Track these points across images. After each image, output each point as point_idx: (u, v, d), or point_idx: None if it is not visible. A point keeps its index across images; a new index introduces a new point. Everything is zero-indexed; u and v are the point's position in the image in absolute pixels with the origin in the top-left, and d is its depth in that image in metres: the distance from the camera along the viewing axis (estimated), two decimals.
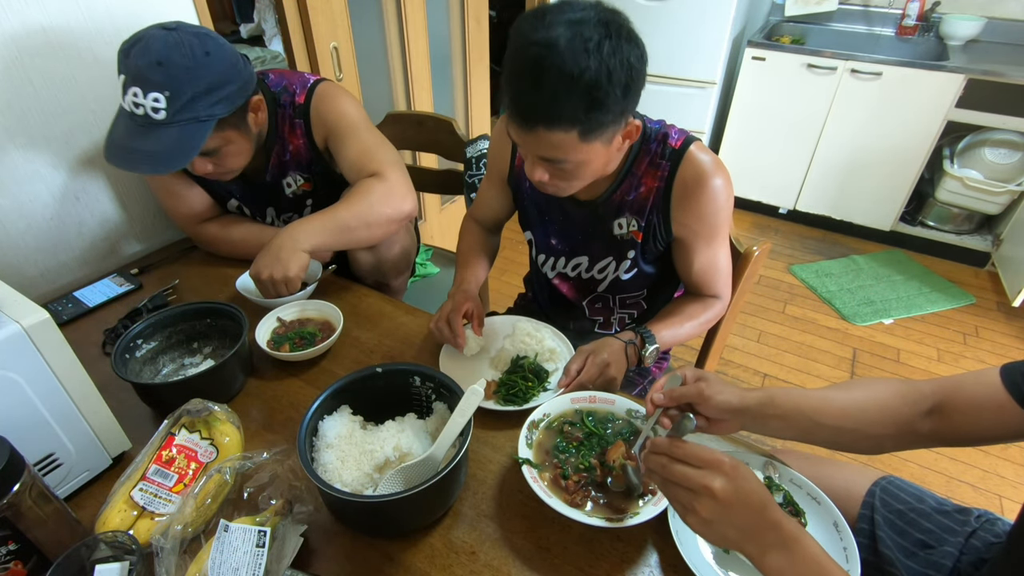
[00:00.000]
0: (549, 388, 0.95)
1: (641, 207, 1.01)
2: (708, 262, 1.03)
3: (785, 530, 0.57)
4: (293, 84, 1.18)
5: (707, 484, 0.57)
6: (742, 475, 0.58)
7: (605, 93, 0.75)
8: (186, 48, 0.92)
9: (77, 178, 1.22)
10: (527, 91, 0.77)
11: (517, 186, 1.15)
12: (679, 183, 0.96)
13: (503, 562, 0.72)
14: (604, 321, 1.22)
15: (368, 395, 0.83)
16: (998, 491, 1.79)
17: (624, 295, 1.16)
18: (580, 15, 0.75)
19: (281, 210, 1.32)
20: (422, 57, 2.21)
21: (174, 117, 0.93)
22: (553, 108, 0.76)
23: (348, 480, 0.74)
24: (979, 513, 0.81)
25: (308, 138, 1.20)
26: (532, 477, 0.76)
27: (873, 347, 2.33)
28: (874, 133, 2.64)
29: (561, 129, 0.78)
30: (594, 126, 0.79)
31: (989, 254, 2.72)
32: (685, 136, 0.97)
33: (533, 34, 0.75)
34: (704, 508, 0.57)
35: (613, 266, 1.10)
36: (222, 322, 1.01)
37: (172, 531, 0.66)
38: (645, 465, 0.64)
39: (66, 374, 0.73)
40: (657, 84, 2.92)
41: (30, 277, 1.20)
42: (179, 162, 0.96)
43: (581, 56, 0.73)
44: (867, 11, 2.88)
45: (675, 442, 0.61)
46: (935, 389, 0.68)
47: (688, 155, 0.95)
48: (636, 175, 0.99)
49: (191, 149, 0.96)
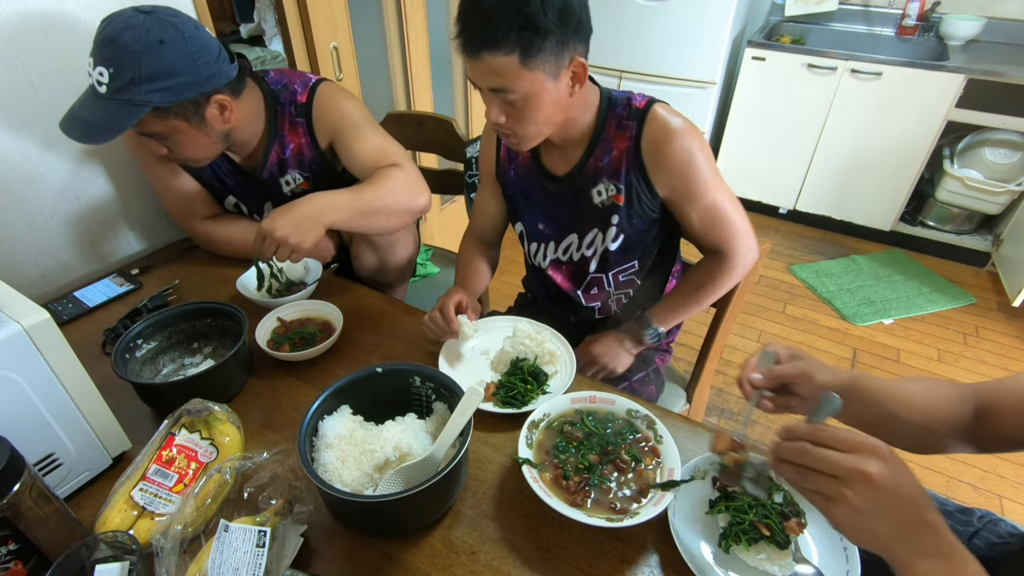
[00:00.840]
0: (548, 391, 0.95)
1: (615, 170, 1.02)
2: (705, 214, 1.02)
3: (947, 537, 0.49)
4: (294, 83, 1.18)
5: (861, 468, 0.49)
6: (901, 464, 0.50)
7: (537, 11, 0.81)
8: (141, 32, 0.93)
9: (77, 178, 1.22)
10: (467, 13, 0.84)
11: (504, 179, 1.17)
12: (646, 141, 0.98)
13: (503, 562, 0.72)
14: (602, 306, 1.22)
15: (368, 395, 0.83)
16: (998, 491, 1.79)
17: (616, 270, 1.16)
18: None
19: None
20: (422, 57, 2.21)
21: (112, 94, 0.94)
22: (489, 28, 0.82)
23: (348, 480, 0.74)
24: (981, 514, 0.81)
25: (310, 137, 1.20)
26: (532, 477, 0.76)
27: (873, 347, 2.33)
28: (874, 133, 2.64)
29: (501, 52, 0.83)
30: (533, 50, 0.83)
31: (989, 254, 2.72)
32: (648, 98, 1.00)
33: None
34: (857, 495, 0.49)
35: (600, 237, 1.10)
36: (222, 322, 1.01)
37: (172, 531, 0.66)
38: (776, 455, 0.56)
39: (66, 374, 0.73)
40: (657, 84, 2.92)
41: (30, 277, 1.20)
42: (103, 137, 0.97)
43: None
44: (867, 11, 2.88)
45: (817, 426, 0.54)
46: (975, 392, 0.68)
47: (651, 113, 0.98)
48: (608, 140, 1.01)
49: (118, 128, 0.96)
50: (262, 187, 1.26)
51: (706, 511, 0.75)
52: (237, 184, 1.26)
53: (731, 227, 1.04)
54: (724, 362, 2.26)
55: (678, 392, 1.34)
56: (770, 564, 0.68)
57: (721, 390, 2.14)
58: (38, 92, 1.10)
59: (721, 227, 1.04)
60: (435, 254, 1.85)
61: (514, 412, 0.89)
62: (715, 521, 0.74)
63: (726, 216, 1.03)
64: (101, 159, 1.24)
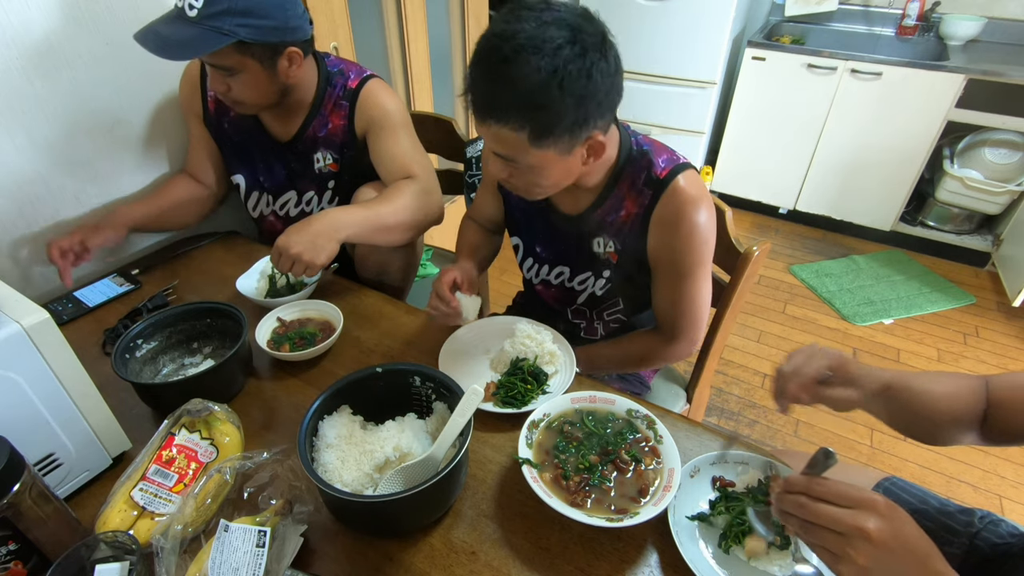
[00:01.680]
0: (548, 391, 0.95)
1: (619, 231, 0.99)
2: (673, 298, 1.00)
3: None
4: (350, 70, 1.24)
5: (860, 525, 0.49)
6: (900, 517, 0.51)
7: (553, 99, 0.74)
8: None
9: (77, 179, 1.22)
10: (478, 81, 0.78)
11: (506, 193, 1.15)
12: (657, 215, 0.94)
13: (503, 562, 0.72)
14: (587, 327, 1.21)
15: (368, 395, 0.83)
16: (998, 491, 1.79)
17: (602, 309, 1.15)
18: (553, 16, 0.74)
19: (304, 187, 1.32)
20: (422, 57, 2.21)
21: (201, 20, 0.97)
22: (498, 102, 0.76)
23: (348, 480, 0.74)
24: (982, 514, 0.81)
25: (349, 121, 1.23)
26: (532, 477, 0.76)
27: (873, 347, 2.33)
28: (874, 133, 2.64)
29: (510, 127, 0.78)
30: (543, 132, 0.77)
31: (989, 254, 2.72)
32: (673, 166, 0.93)
33: (498, 25, 0.75)
34: (860, 554, 0.49)
35: (592, 281, 1.09)
36: (222, 322, 1.01)
37: (172, 531, 0.66)
38: (779, 507, 0.56)
39: (66, 374, 0.73)
40: (657, 84, 2.93)
41: (30, 277, 1.20)
42: (182, 54, 1.01)
43: (535, 56, 0.72)
44: (867, 11, 2.88)
45: (814, 479, 0.54)
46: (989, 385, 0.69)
47: (671, 187, 0.91)
48: (618, 196, 0.97)
49: (200, 50, 0.99)
50: (292, 160, 1.28)
51: (707, 512, 0.75)
52: (264, 155, 1.28)
53: (691, 315, 1.01)
54: (724, 362, 2.26)
55: (678, 392, 1.34)
56: (770, 564, 0.68)
57: (721, 390, 2.14)
58: (38, 93, 1.10)
59: (682, 310, 1.00)
60: (435, 254, 1.85)
61: (514, 412, 0.89)
62: (716, 521, 0.74)
63: (694, 304, 1.00)
64: (100, 161, 1.24)
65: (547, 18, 0.74)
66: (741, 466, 0.80)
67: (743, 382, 2.18)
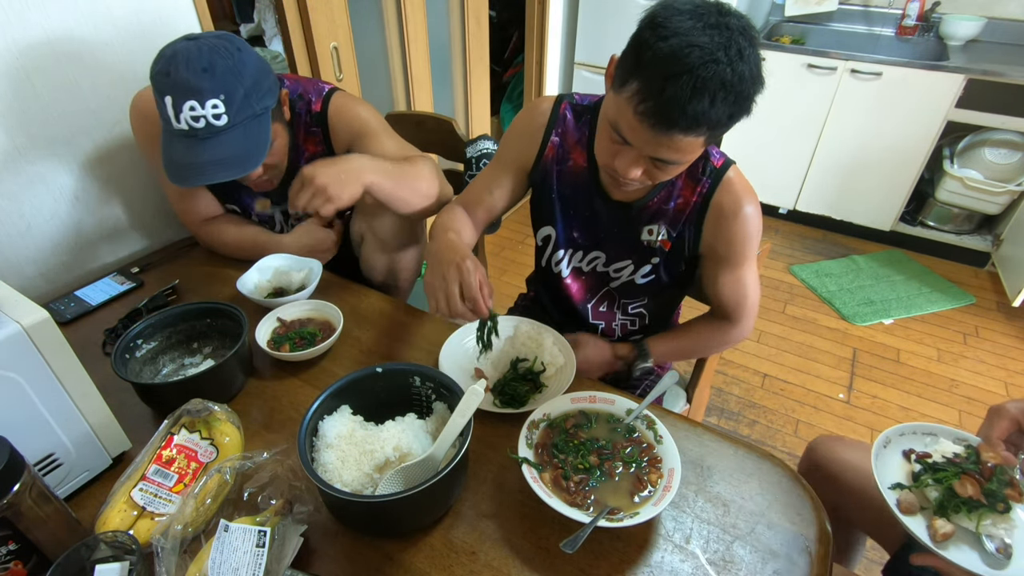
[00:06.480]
0: (548, 391, 0.95)
1: (676, 218, 1.01)
2: (734, 286, 1.04)
3: None
4: (308, 92, 1.18)
5: None
6: None
7: (751, 100, 0.77)
8: (222, 50, 0.93)
9: (77, 179, 1.22)
10: (681, 95, 0.73)
11: (542, 180, 1.09)
12: (716, 204, 0.97)
13: (503, 562, 0.72)
14: (606, 327, 1.21)
15: (368, 395, 0.83)
16: None
17: (630, 300, 1.15)
18: (724, 20, 0.74)
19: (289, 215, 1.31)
20: (422, 57, 2.21)
21: (235, 119, 0.94)
22: (704, 114, 0.74)
23: (348, 480, 0.74)
24: None
25: (327, 145, 1.20)
26: (532, 477, 0.76)
27: (873, 347, 2.33)
28: (874, 133, 2.64)
29: (695, 133, 0.77)
30: (724, 130, 0.79)
31: (989, 254, 2.72)
32: (725, 158, 0.97)
33: (692, 36, 0.72)
34: None
35: (631, 269, 1.09)
36: (222, 322, 1.01)
37: (172, 531, 0.66)
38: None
39: (66, 374, 0.73)
40: None
41: (30, 277, 1.20)
42: (256, 160, 0.97)
43: (738, 63, 0.73)
44: (867, 11, 2.88)
45: None
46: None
47: (727, 178, 0.96)
48: (676, 184, 0.99)
49: (262, 144, 0.97)
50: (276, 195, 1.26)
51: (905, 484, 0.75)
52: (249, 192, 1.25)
53: (747, 303, 1.06)
54: (724, 362, 2.26)
55: (678, 392, 1.34)
56: (994, 528, 0.69)
57: (721, 390, 2.14)
58: (39, 94, 1.10)
59: (739, 299, 1.05)
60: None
61: (514, 412, 0.89)
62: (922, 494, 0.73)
63: (748, 291, 1.05)
64: (101, 161, 1.24)
65: (723, 22, 0.73)
66: (929, 436, 0.80)
67: (743, 382, 2.18)
